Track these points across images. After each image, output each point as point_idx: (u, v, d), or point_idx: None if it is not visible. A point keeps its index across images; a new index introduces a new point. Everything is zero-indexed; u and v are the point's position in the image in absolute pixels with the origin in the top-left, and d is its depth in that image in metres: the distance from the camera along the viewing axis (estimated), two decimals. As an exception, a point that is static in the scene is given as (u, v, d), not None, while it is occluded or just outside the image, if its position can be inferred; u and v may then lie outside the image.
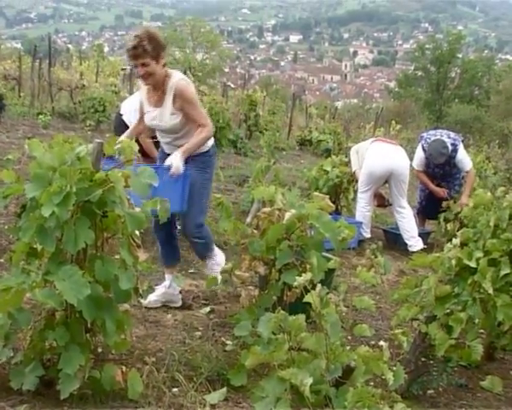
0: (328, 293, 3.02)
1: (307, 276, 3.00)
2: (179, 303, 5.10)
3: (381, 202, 8.84)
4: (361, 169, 8.29)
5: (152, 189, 3.37)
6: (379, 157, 8.11)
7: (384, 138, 9.93)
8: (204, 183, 4.94)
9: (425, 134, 8.50)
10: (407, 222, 8.11)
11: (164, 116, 4.82)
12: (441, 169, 8.32)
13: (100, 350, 3.61)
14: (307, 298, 2.93)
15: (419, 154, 8.39)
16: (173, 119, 4.79)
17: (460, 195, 8.32)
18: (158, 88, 4.80)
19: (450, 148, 8.06)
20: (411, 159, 8.53)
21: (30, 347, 3.35)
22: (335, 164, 8.70)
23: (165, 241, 5.08)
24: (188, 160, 4.73)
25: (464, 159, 8.33)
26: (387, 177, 8.12)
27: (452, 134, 8.39)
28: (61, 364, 3.14)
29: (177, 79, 4.78)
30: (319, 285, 2.98)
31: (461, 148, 8.25)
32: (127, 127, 6.25)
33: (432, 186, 8.44)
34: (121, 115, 6.73)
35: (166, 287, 5.03)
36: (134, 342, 3.93)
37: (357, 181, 8.46)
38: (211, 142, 5.03)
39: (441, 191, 8.37)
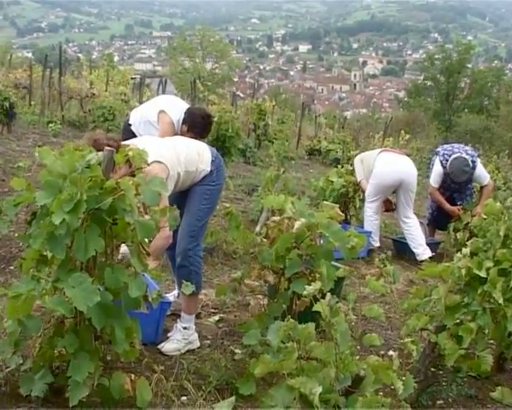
0: (337, 302, 3.01)
1: (317, 285, 3.00)
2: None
3: (389, 206, 8.81)
4: (367, 179, 8.28)
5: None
6: (388, 167, 8.11)
7: (391, 149, 9.92)
8: (205, 191, 4.55)
9: (440, 149, 8.43)
10: (413, 231, 8.10)
11: None
12: (457, 184, 8.31)
13: (109, 358, 3.61)
14: (317, 307, 2.93)
15: (437, 169, 8.29)
16: None
17: (471, 205, 8.30)
18: None
19: (470, 165, 8.06)
20: (420, 168, 8.51)
21: (39, 354, 3.35)
22: (341, 174, 8.70)
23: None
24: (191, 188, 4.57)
25: (482, 173, 8.36)
26: (397, 187, 8.11)
27: (469, 149, 8.39)
28: (70, 371, 3.14)
29: None
30: (329, 294, 2.98)
31: (478, 163, 8.27)
32: (135, 137, 6.31)
33: (447, 206, 8.40)
34: (130, 125, 6.74)
35: (175, 296, 5.03)
36: (143, 350, 3.94)
37: (362, 191, 8.45)
38: (208, 162, 4.57)
39: (456, 210, 8.33)
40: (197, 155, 4.52)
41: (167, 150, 4.37)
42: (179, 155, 4.41)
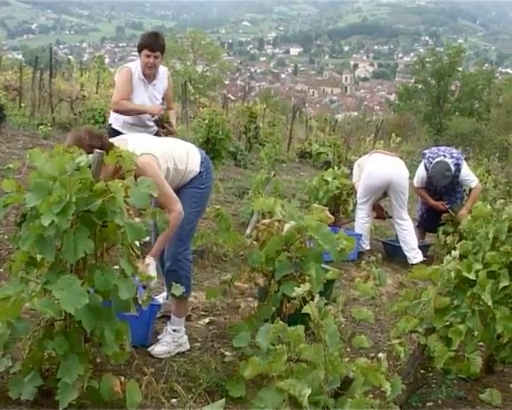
0: (327, 304, 3.02)
1: (306, 286, 3.00)
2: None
3: (380, 213, 8.84)
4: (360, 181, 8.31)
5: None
6: (377, 168, 8.13)
7: (383, 151, 9.95)
8: (194, 194, 4.49)
9: (427, 152, 8.43)
10: (407, 234, 8.09)
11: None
12: (443, 187, 8.31)
13: (98, 360, 3.61)
14: (306, 309, 2.94)
15: (421, 172, 8.34)
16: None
17: (459, 207, 8.31)
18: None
19: (453, 169, 8.05)
20: (411, 171, 8.53)
21: (29, 356, 3.35)
22: (336, 175, 8.71)
23: None
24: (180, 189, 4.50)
25: (469, 176, 8.30)
26: (386, 188, 8.13)
27: (455, 152, 8.36)
28: (59, 373, 3.14)
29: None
30: (317, 296, 2.98)
31: (464, 166, 8.23)
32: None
33: (431, 201, 8.43)
34: (110, 125, 6.62)
35: (164, 298, 5.02)
36: (133, 352, 3.93)
37: (356, 193, 8.47)
38: (197, 163, 4.53)
39: (440, 205, 8.37)
40: (185, 153, 4.49)
41: (157, 146, 4.36)
42: (169, 151, 4.39)
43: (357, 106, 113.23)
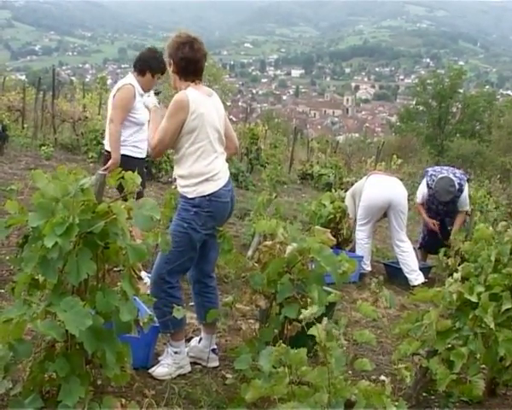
0: (330, 327, 3.01)
1: (313, 309, 2.99)
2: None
3: None
4: (358, 206, 8.31)
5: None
6: (377, 188, 8.14)
7: (380, 171, 9.99)
8: (176, 233, 4.25)
9: (430, 170, 8.51)
10: (407, 256, 8.08)
11: None
12: (445, 206, 8.35)
13: (99, 382, 3.59)
14: (312, 331, 2.93)
15: (422, 189, 8.45)
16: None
17: (459, 232, 8.34)
18: None
19: (456, 187, 8.11)
20: (412, 193, 8.55)
21: (29, 378, 3.32)
22: (334, 199, 8.69)
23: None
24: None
25: (466, 199, 8.47)
26: (386, 208, 8.12)
27: (458, 172, 8.43)
28: (60, 396, 3.12)
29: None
30: (325, 319, 2.98)
31: (466, 188, 8.32)
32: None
33: (425, 216, 8.65)
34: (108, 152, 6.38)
35: (197, 341, 4.91)
36: (134, 374, 3.91)
37: (349, 228, 8.42)
38: (199, 190, 4.32)
39: (431, 223, 8.45)
40: (215, 162, 4.42)
41: (207, 109, 4.51)
42: (206, 129, 4.38)
43: (358, 127, 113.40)
